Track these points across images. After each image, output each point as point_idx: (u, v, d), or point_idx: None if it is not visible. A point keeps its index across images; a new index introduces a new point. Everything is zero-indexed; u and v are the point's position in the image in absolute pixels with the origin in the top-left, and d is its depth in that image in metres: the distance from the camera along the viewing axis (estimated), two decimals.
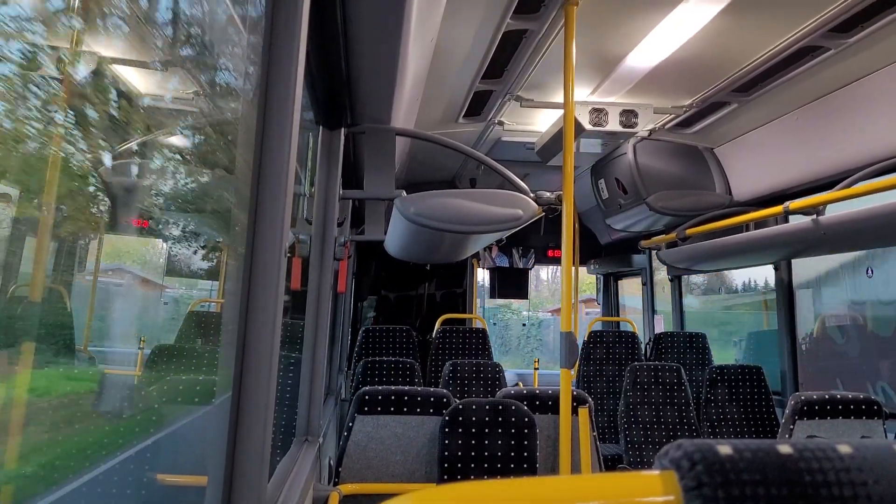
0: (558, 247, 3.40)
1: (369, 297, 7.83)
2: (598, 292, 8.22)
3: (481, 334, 6.01)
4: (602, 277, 7.82)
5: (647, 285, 6.66)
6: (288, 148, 1.28)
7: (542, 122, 4.30)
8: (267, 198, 1.26)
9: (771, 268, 4.79)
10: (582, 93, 3.75)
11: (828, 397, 3.09)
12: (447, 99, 3.83)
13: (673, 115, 4.01)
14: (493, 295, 7.46)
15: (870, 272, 4.84)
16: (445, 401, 2.96)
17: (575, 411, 3.04)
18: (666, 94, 3.73)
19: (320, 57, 2.02)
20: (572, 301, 3.05)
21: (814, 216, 3.35)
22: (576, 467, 2.91)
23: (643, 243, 5.47)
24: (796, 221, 3.59)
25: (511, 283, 7.30)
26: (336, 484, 2.80)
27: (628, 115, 3.79)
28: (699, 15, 2.72)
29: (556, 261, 7.22)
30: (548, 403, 3.11)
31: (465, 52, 3.12)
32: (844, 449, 0.42)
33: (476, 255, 6.97)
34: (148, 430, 2.07)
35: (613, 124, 3.79)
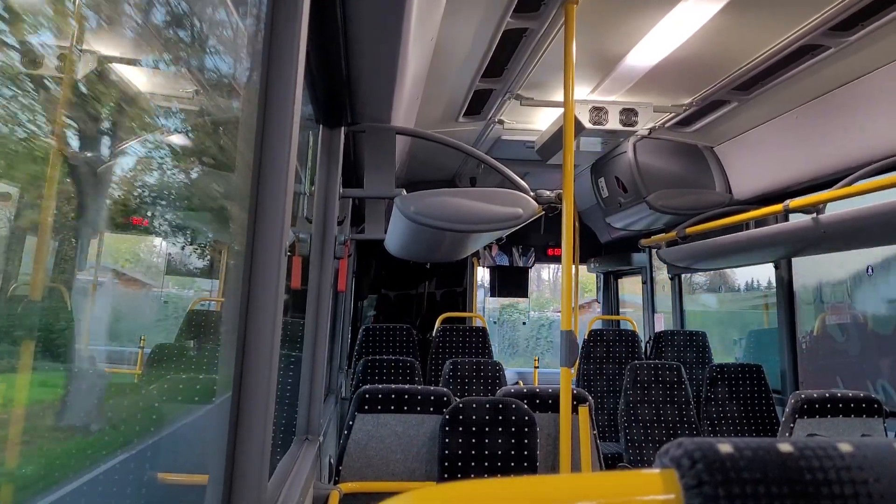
0: (558, 245, 3.40)
1: (369, 295, 7.83)
2: (598, 291, 8.21)
3: (481, 333, 6.01)
4: (602, 276, 7.82)
5: (647, 284, 6.65)
6: (288, 146, 1.28)
7: (542, 120, 4.30)
8: (267, 196, 1.26)
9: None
10: (582, 91, 3.75)
11: (828, 396, 3.09)
12: (447, 98, 3.83)
13: (673, 114, 4.01)
14: (493, 294, 7.45)
15: (870, 270, 4.84)
16: (446, 399, 2.96)
17: (575, 410, 3.04)
18: (666, 92, 3.72)
19: (320, 56, 2.02)
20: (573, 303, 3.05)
21: (814, 215, 3.35)
22: (576, 466, 2.91)
23: (643, 242, 5.47)
24: (796, 220, 3.58)
25: (511, 282, 7.29)
26: (336, 482, 2.81)
27: (628, 114, 3.79)
28: (699, 13, 2.72)
29: (556, 259, 7.21)
30: (548, 402, 3.11)
31: (466, 50, 3.12)
32: (845, 447, 0.42)
33: (476, 254, 6.97)
34: (148, 429, 2.07)
35: (613, 123, 3.79)
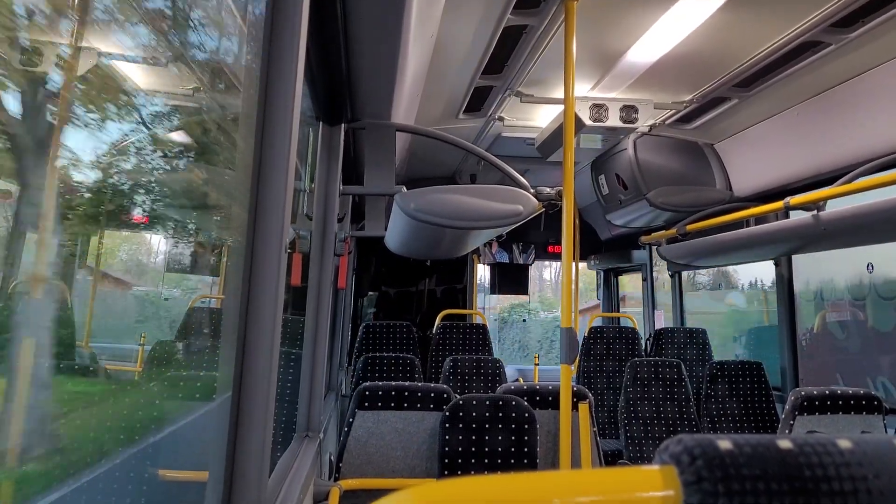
0: (558, 242, 3.41)
1: (370, 292, 7.83)
2: (598, 288, 8.21)
3: (482, 330, 6.01)
4: (602, 273, 7.82)
5: (648, 281, 6.65)
6: (288, 144, 1.28)
7: (542, 117, 4.30)
8: (267, 193, 1.26)
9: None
10: (582, 88, 3.75)
11: (828, 393, 3.09)
12: (447, 95, 3.82)
13: (673, 111, 4.01)
14: (493, 291, 7.45)
15: (870, 268, 4.83)
16: (446, 396, 2.96)
17: (575, 407, 3.04)
18: (666, 89, 3.72)
19: (320, 53, 2.02)
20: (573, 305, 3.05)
21: (814, 212, 3.34)
22: (576, 463, 2.92)
23: (643, 239, 5.47)
24: (797, 217, 3.58)
25: (511, 279, 7.29)
26: (336, 479, 2.81)
27: (628, 111, 3.78)
28: (699, 10, 2.71)
29: (556, 256, 7.21)
30: (548, 399, 3.12)
31: (466, 47, 3.11)
32: (844, 444, 0.42)
33: (476, 251, 6.96)
34: (149, 426, 2.07)
35: (614, 120, 3.78)
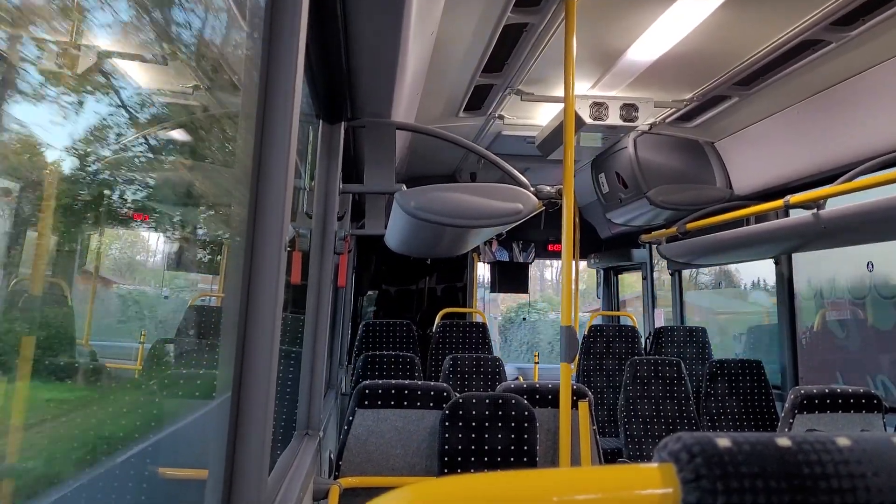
0: (558, 241, 3.40)
1: (370, 291, 7.83)
2: (597, 286, 8.21)
3: (481, 328, 6.01)
4: (602, 271, 7.82)
5: (648, 279, 6.66)
6: (288, 142, 1.28)
7: (542, 116, 4.29)
8: (267, 192, 1.26)
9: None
10: (582, 87, 3.74)
11: (827, 391, 3.09)
12: (447, 93, 3.82)
13: (673, 109, 4.00)
14: (493, 289, 7.45)
15: (870, 266, 4.83)
16: (445, 395, 2.96)
17: (575, 405, 3.04)
18: (666, 87, 3.72)
19: (320, 51, 2.01)
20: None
21: (814, 210, 3.34)
22: (576, 461, 2.92)
23: (643, 237, 5.47)
24: (797, 215, 3.58)
25: (511, 278, 7.29)
26: (336, 477, 2.81)
27: (629, 109, 3.78)
28: (700, 8, 2.71)
29: (556, 255, 7.21)
30: (548, 397, 3.12)
31: (466, 45, 3.11)
32: (843, 441, 0.42)
33: (476, 250, 6.96)
34: (149, 424, 2.07)
35: (614, 118, 3.78)
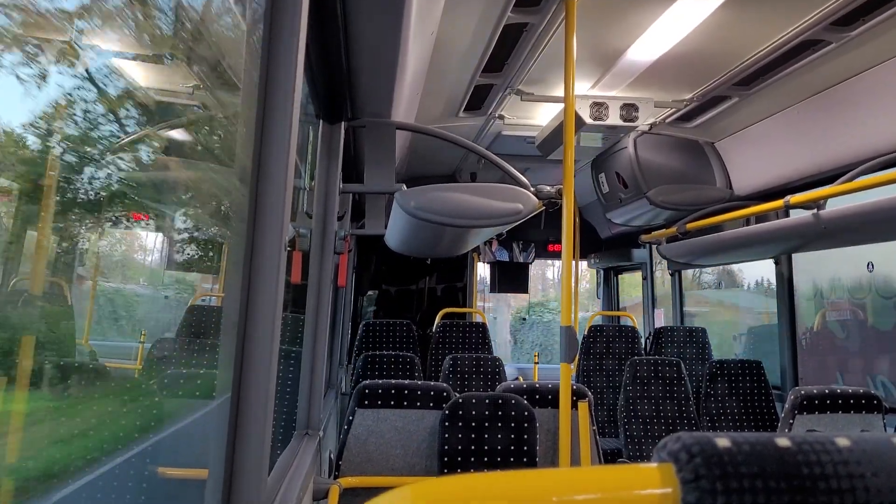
0: (558, 241, 3.41)
1: (370, 291, 7.83)
2: (597, 287, 8.21)
3: (481, 328, 6.01)
4: (602, 272, 7.82)
5: (648, 280, 6.65)
6: (288, 142, 1.28)
7: (542, 116, 4.29)
8: (267, 191, 1.26)
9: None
10: (582, 87, 3.74)
11: (827, 392, 3.09)
12: (447, 93, 3.82)
13: (674, 109, 4.00)
14: (493, 289, 7.46)
15: (870, 267, 4.83)
16: (445, 395, 2.96)
17: (575, 405, 3.04)
18: (667, 88, 3.72)
19: (320, 51, 2.01)
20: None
21: (815, 210, 3.34)
22: (575, 461, 2.92)
23: (643, 237, 5.47)
24: (797, 216, 3.58)
25: (511, 278, 7.30)
26: (336, 477, 2.81)
27: (629, 109, 3.78)
28: (700, 8, 2.71)
29: (556, 255, 7.21)
30: (548, 397, 3.12)
31: (466, 45, 3.11)
32: (843, 442, 0.42)
33: (476, 250, 6.97)
34: (149, 424, 2.07)
35: (614, 118, 3.78)
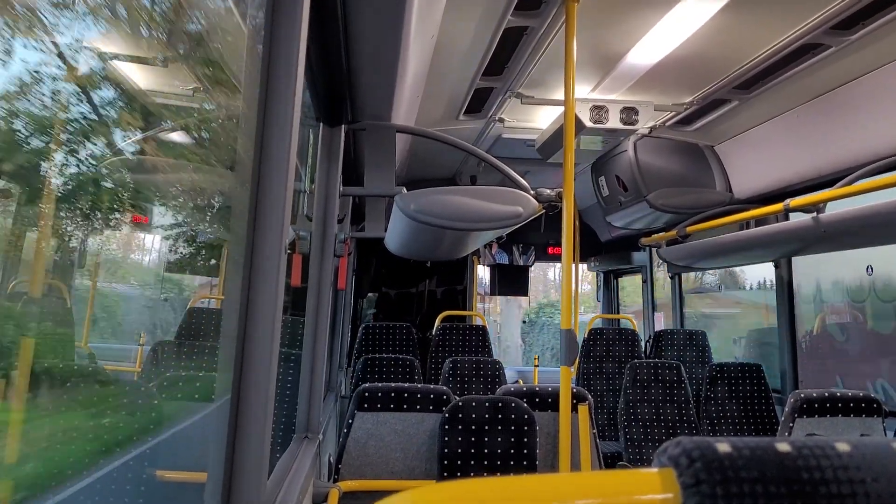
0: (558, 244, 3.41)
1: (370, 293, 7.83)
2: (597, 290, 8.21)
3: (481, 331, 6.01)
4: (602, 275, 7.82)
5: (648, 283, 6.65)
6: (288, 144, 1.28)
7: (542, 119, 4.30)
8: (267, 194, 1.26)
9: None
10: (582, 90, 3.75)
11: (827, 395, 3.08)
12: (448, 96, 3.82)
13: (673, 113, 4.00)
14: (492, 292, 7.46)
15: (870, 270, 4.83)
16: (445, 398, 2.96)
17: (575, 409, 3.04)
18: (667, 91, 3.72)
19: (321, 53, 2.02)
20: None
21: (814, 214, 3.34)
22: (575, 465, 2.91)
23: (643, 241, 5.46)
24: (797, 219, 3.58)
25: (511, 281, 7.30)
26: (336, 481, 2.81)
27: (629, 113, 3.78)
28: (700, 12, 2.71)
29: (556, 258, 7.21)
30: (548, 401, 3.11)
31: (466, 49, 3.12)
32: (843, 447, 0.42)
33: (476, 252, 6.97)
34: (148, 426, 2.07)
35: (614, 121, 3.78)
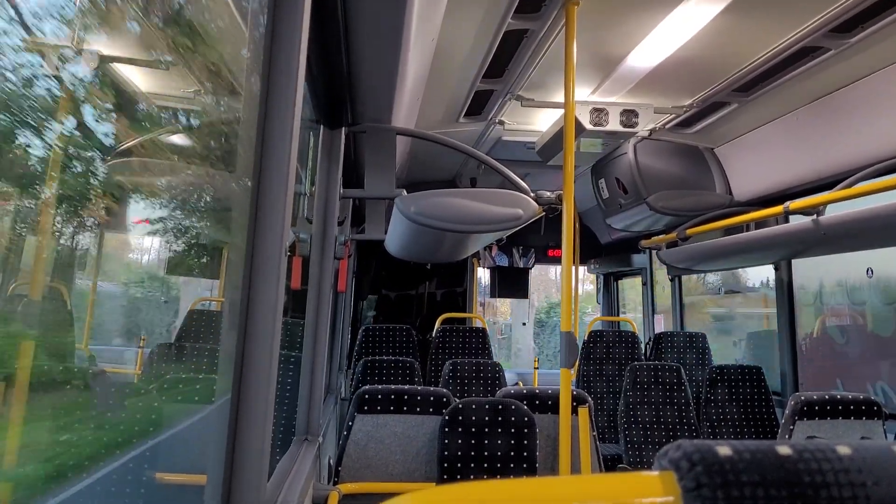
0: (558, 246, 3.41)
1: (370, 296, 7.83)
2: (598, 292, 8.22)
3: (481, 333, 6.00)
4: (602, 277, 7.82)
5: (647, 285, 6.65)
6: (289, 147, 1.28)
7: (542, 121, 4.30)
8: (268, 196, 1.27)
9: None
10: (582, 92, 3.75)
11: (828, 398, 3.08)
12: (448, 98, 3.83)
13: (673, 115, 4.01)
14: (492, 294, 7.46)
15: (870, 273, 4.83)
16: (445, 400, 2.96)
17: (575, 411, 3.04)
18: (666, 93, 3.72)
19: (321, 56, 2.02)
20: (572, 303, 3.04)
21: (814, 216, 3.34)
22: (575, 467, 2.91)
23: (643, 243, 5.47)
24: (796, 221, 3.58)
25: (511, 283, 7.30)
26: (336, 483, 2.80)
27: (629, 115, 3.79)
28: (700, 15, 2.72)
29: (556, 260, 7.22)
30: (548, 403, 3.11)
31: (466, 51, 3.12)
32: (844, 450, 0.42)
33: (476, 255, 6.97)
34: (148, 429, 2.07)
35: (614, 124, 3.78)
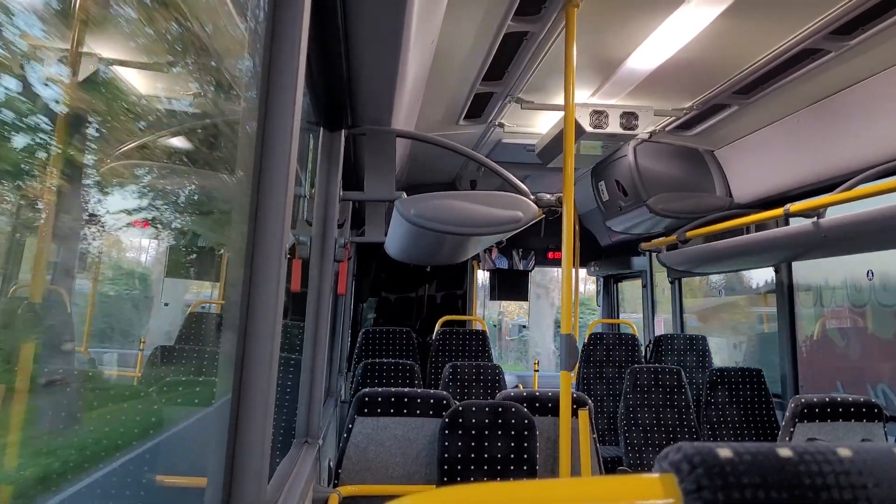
0: (558, 248, 3.41)
1: (369, 298, 7.82)
2: (598, 294, 8.21)
3: (481, 336, 6.00)
4: (602, 279, 7.82)
5: (648, 287, 6.65)
6: (289, 149, 1.28)
7: (542, 124, 4.30)
8: (267, 199, 1.26)
9: None
10: (582, 95, 3.75)
11: (828, 400, 3.08)
12: (448, 101, 3.83)
13: (673, 118, 4.01)
14: (492, 297, 7.46)
15: (870, 275, 4.83)
16: (445, 402, 2.95)
17: (575, 413, 3.03)
18: (666, 96, 3.72)
19: (321, 59, 2.02)
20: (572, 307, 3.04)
21: (814, 219, 3.34)
22: (576, 470, 2.91)
23: (643, 245, 5.47)
24: (797, 224, 3.58)
25: (511, 285, 7.30)
26: (336, 486, 2.80)
27: (629, 118, 3.79)
28: (700, 17, 2.72)
29: (556, 263, 7.22)
30: (548, 405, 3.11)
31: (466, 53, 3.12)
32: (844, 452, 0.42)
33: (476, 257, 6.97)
34: (148, 431, 2.07)
35: (614, 126, 3.79)
